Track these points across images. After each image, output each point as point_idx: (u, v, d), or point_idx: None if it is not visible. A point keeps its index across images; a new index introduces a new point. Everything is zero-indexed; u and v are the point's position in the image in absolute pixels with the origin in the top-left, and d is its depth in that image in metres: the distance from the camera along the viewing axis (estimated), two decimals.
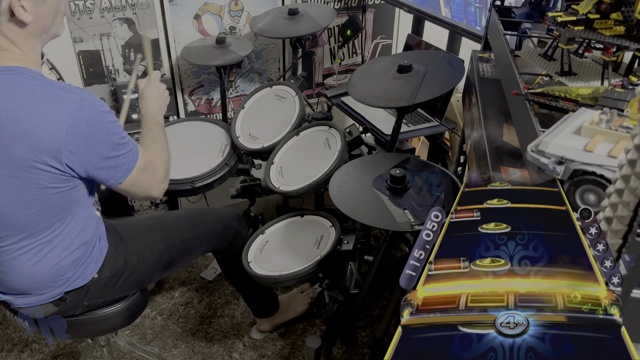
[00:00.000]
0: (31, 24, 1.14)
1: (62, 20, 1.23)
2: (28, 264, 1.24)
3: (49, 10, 1.16)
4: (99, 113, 1.16)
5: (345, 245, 1.52)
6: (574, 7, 1.13)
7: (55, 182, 1.16)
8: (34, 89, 1.13)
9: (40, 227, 1.21)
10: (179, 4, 2.14)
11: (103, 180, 1.24)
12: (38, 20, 1.15)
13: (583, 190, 0.86)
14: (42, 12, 1.15)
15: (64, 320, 1.35)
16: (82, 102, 1.13)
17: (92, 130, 1.14)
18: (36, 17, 1.14)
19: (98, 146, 1.16)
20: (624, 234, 0.75)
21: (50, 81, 1.16)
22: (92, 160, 1.17)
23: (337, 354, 1.88)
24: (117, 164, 1.22)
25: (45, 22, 1.17)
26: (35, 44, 1.19)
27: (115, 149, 1.21)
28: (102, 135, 1.17)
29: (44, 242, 1.23)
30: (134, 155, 1.26)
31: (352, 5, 2.46)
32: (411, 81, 1.64)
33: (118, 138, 1.21)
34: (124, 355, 1.88)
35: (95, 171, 1.19)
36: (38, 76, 1.16)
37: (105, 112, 1.18)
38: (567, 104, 1.06)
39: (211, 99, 2.41)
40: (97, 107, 1.16)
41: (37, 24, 1.15)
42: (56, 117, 1.10)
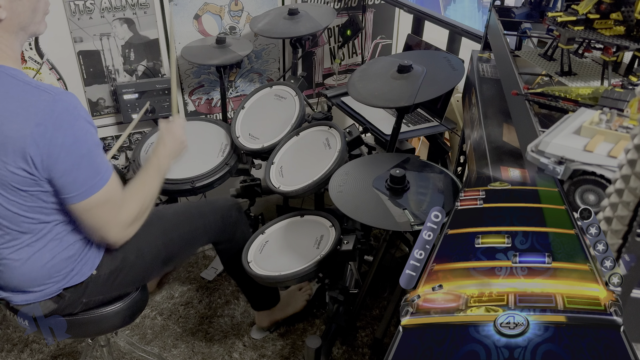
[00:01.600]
0: (6, 20, 1.12)
1: (43, 18, 1.21)
2: (20, 262, 1.23)
3: (25, 7, 1.14)
4: (70, 117, 1.10)
5: (345, 245, 1.52)
6: (574, 7, 1.13)
7: (29, 185, 1.13)
8: (8, 87, 1.11)
9: (27, 227, 1.20)
10: (179, 4, 2.14)
11: (58, 192, 1.16)
12: (14, 17, 1.13)
13: (583, 190, 0.86)
14: (18, 9, 1.13)
15: (64, 320, 1.35)
16: (53, 103, 1.08)
17: (58, 133, 1.08)
18: (11, 14, 1.12)
19: (61, 153, 1.10)
20: (624, 234, 0.75)
21: (28, 80, 1.13)
22: (53, 166, 1.10)
23: (337, 354, 1.88)
24: (76, 180, 1.14)
25: (21, 19, 1.14)
26: (12, 41, 1.16)
27: (79, 163, 1.13)
28: (67, 141, 1.10)
29: (34, 241, 1.22)
30: (99, 180, 1.17)
31: (352, 5, 2.46)
32: (411, 81, 1.64)
33: (85, 151, 1.13)
34: (124, 355, 1.88)
35: (55, 180, 1.13)
36: (15, 74, 1.13)
37: (78, 118, 1.11)
38: (567, 104, 1.06)
39: (211, 99, 2.40)
40: (71, 110, 1.10)
41: (13, 20, 1.13)
42: (24, 115, 1.07)
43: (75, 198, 1.16)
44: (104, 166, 1.19)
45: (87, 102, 2.16)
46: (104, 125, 2.23)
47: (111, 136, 2.26)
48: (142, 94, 2.16)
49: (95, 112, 2.19)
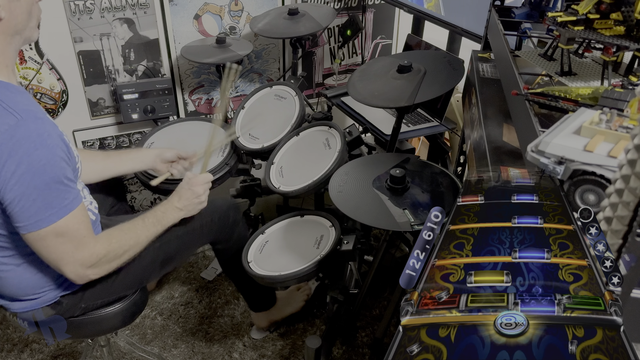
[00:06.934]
0: (4, 20, 1.10)
1: (36, 24, 1.19)
2: (10, 272, 1.23)
3: (23, 9, 1.13)
4: (29, 146, 1.05)
5: (345, 245, 1.52)
6: (574, 7, 1.13)
7: None
8: None
9: (7, 242, 1.19)
10: (179, 4, 2.14)
11: (10, 218, 1.12)
12: (12, 18, 1.11)
13: (583, 190, 0.86)
14: (16, 10, 1.12)
15: (64, 321, 1.35)
16: (16, 128, 1.05)
17: (12, 160, 1.04)
18: (9, 14, 1.11)
19: (11, 181, 1.06)
20: (624, 234, 0.75)
21: (3, 97, 1.08)
22: (2, 192, 1.07)
23: (337, 354, 1.88)
24: (24, 211, 1.09)
25: (18, 22, 1.13)
26: (5, 46, 1.14)
27: (29, 194, 1.07)
28: (19, 169, 1.05)
29: (19, 253, 1.21)
30: (51, 215, 1.11)
31: (352, 5, 2.46)
32: (411, 81, 1.64)
33: (39, 183, 1.07)
34: (124, 355, 1.88)
35: (4, 206, 1.09)
36: None
37: (39, 148, 1.06)
38: (567, 104, 1.05)
39: (211, 99, 2.41)
40: (34, 139, 1.05)
41: (11, 21, 1.12)
42: None
43: (23, 228, 1.12)
44: (61, 201, 1.12)
45: (87, 102, 2.16)
46: (104, 126, 2.23)
47: (111, 136, 2.26)
48: (142, 94, 2.16)
49: (95, 112, 2.19)
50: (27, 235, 1.13)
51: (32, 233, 1.12)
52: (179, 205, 1.44)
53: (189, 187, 1.47)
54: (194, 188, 1.47)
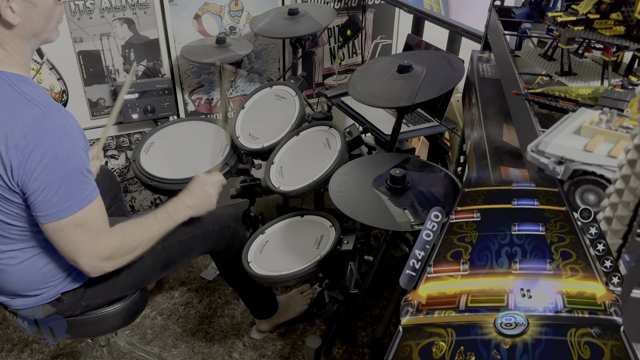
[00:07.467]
0: (19, 26, 1.11)
1: (56, 26, 1.20)
2: (14, 267, 1.23)
3: (40, 14, 1.13)
4: (55, 136, 1.08)
5: (345, 245, 1.52)
6: (574, 7, 1.13)
7: (8, 194, 1.11)
8: (4, 95, 1.09)
9: (17, 234, 1.19)
10: (179, 4, 2.14)
11: (30, 208, 1.14)
12: (27, 24, 1.12)
13: (583, 190, 0.86)
14: (32, 16, 1.12)
15: (64, 320, 1.35)
16: (41, 119, 1.07)
17: (38, 149, 1.07)
18: (25, 20, 1.11)
19: (36, 170, 1.08)
20: (624, 234, 0.75)
21: (26, 90, 1.11)
22: (27, 181, 1.09)
23: (337, 354, 1.88)
24: (47, 200, 1.11)
25: (34, 26, 1.14)
26: (22, 47, 1.15)
27: (52, 183, 1.10)
28: (45, 159, 1.08)
29: (26, 247, 1.22)
30: (72, 206, 1.13)
31: (352, 5, 2.46)
32: (411, 81, 1.64)
33: (62, 172, 1.10)
34: (124, 355, 1.88)
35: (27, 195, 1.11)
36: (16, 81, 1.11)
37: (64, 138, 1.09)
38: (567, 104, 1.06)
39: (211, 99, 2.41)
40: (59, 129, 1.08)
41: (26, 27, 1.12)
42: (9, 127, 1.06)
43: (43, 218, 1.13)
44: (82, 192, 1.14)
45: (87, 102, 2.16)
46: (104, 125, 2.23)
47: (111, 136, 2.26)
48: (142, 94, 2.16)
49: (95, 112, 2.19)
50: (46, 225, 1.14)
51: (52, 223, 1.13)
52: (189, 203, 1.46)
53: (200, 186, 1.49)
54: (205, 187, 1.50)
